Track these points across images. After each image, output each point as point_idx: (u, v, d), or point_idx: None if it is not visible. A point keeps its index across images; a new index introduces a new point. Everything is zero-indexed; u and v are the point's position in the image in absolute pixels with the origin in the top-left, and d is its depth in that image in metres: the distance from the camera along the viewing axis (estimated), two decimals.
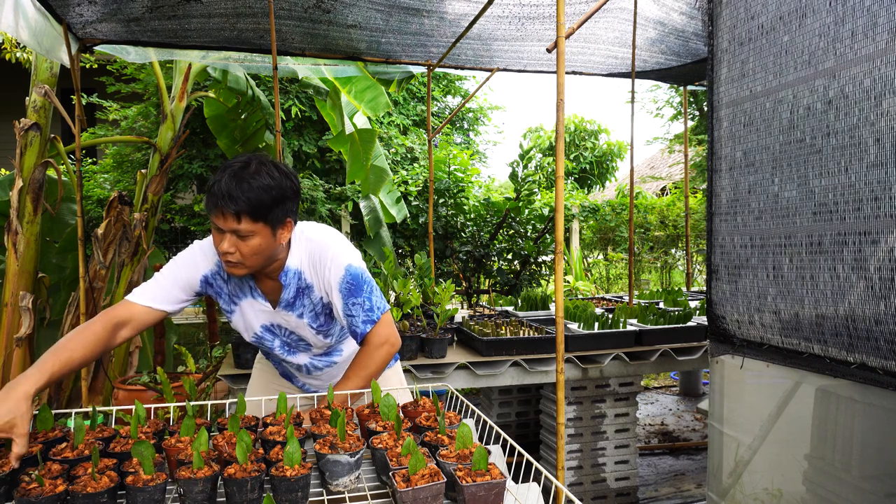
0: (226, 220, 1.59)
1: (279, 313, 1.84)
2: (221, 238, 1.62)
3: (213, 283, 1.80)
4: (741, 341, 2.28)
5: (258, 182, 1.60)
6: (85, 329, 1.60)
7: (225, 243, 1.61)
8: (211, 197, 1.59)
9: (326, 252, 1.78)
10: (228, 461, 1.36)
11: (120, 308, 1.68)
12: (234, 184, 1.58)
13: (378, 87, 4.86)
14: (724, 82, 2.31)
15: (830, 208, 1.84)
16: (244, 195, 1.57)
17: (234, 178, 1.58)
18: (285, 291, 1.80)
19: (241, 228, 1.60)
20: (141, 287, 1.73)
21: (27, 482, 1.23)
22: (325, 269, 1.78)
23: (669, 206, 8.37)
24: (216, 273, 1.79)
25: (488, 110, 9.20)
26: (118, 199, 4.03)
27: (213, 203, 1.59)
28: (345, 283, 1.77)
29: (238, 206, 1.57)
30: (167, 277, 1.75)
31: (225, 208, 1.57)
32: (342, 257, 1.78)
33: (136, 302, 1.69)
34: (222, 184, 1.57)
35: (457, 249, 6.31)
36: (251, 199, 1.58)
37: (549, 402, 3.52)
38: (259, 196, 1.59)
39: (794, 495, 2.09)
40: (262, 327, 1.87)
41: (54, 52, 3.41)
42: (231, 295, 1.83)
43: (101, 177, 6.08)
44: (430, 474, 1.23)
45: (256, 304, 1.83)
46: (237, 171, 1.60)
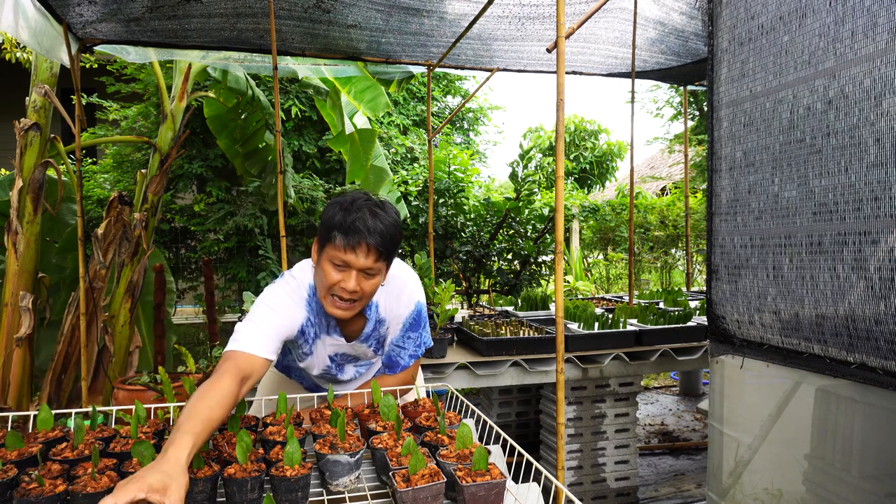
0: (367, 257, 1.56)
1: (352, 345, 1.83)
2: (345, 276, 1.58)
3: (305, 331, 1.74)
4: (741, 341, 2.28)
5: (391, 219, 1.60)
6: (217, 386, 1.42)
7: (352, 282, 1.57)
8: (354, 233, 1.54)
9: (404, 288, 1.79)
10: (228, 461, 1.36)
11: (241, 361, 1.53)
12: (378, 221, 1.56)
13: (378, 87, 4.85)
14: (724, 82, 2.31)
15: (830, 208, 1.84)
16: (387, 231, 1.57)
17: (375, 216, 1.56)
18: (367, 325, 1.80)
19: (374, 266, 1.58)
20: (251, 338, 1.58)
21: (27, 482, 1.23)
22: (401, 306, 1.79)
23: (669, 206, 8.36)
24: (308, 319, 1.73)
25: (488, 110, 9.19)
26: (118, 199, 4.02)
27: (356, 239, 1.54)
28: (411, 318, 1.81)
29: (381, 243, 1.56)
30: (272, 328, 1.62)
31: (371, 244, 1.54)
32: (416, 294, 1.81)
33: (258, 355, 1.56)
34: (367, 220, 1.54)
35: (457, 249, 6.31)
36: (391, 237, 1.58)
37: (549, 402, 3.52)
38: (393, 233, 1.60)
39: (794, 495, 2.09)
40: (329, 358, 1.86)
41: (54, 52, 3.40)
42: (314, 337, 1.77)
43: (101, 177, 6.08)
44: (430, 474, 1.23)
45: (330, 339, 1.79)
46: (373, 209, 1.58)
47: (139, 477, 1.08)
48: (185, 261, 6.32)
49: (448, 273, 6.44)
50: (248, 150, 5.16)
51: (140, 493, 1.05)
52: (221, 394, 1.39)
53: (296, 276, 1.74)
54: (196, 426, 1.25)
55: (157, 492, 1.06)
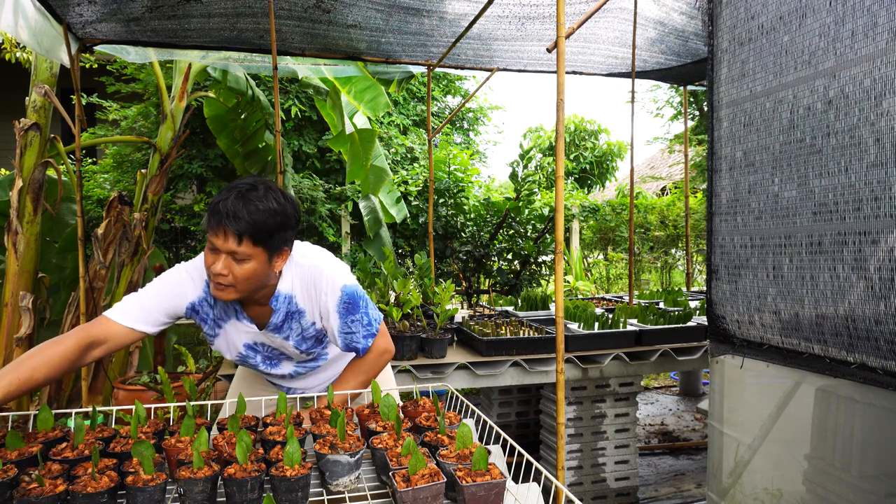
0: (226, 239, 1.55)
1: (265, 334, 1.82)
2: (216, 259, 1.58)
3: (199, 310, 1.76)
4: (741, 341, 2.28)
5: (265, 205, 1.58)
6: (54, 346, 1.52)
7: (219, 264, 1.57)
8: (214, 215, 1.55)
9: (320, 276, 1.76)
10: (228, 461, 1.36)
11: (97, 326, 1.62)
12: (241, 204, 1.55)
13: (378, 87, 4.86)
14: (724, 82, 2.31)
15: (830, 208, 1.84)
16: (250, 216, 1.55)
17: (241, 199, 1.56)
18: (274, 316, 1.78)
19: (239, 251, 1.56)
20: (123, 306, 1.66)
21: (27, 482, 1.23)
22: (321, 294, 1.76)
23: (669, 206, 8.37)
24: (203, 299, 1.75)
25: (488, 110, 9.20)
26: (118, 199, 4.03)
27: (216, 221, 1.55)
28: (342, 303, 1.77)
29: (241, 227, 1.54)
30: (152, 299, 1.69)
31: (228, 227, 1.54)
32: (336, 279, 1.77)
33: (117, 321, 1.63)
34: (228, 203, 1.55)
35: (457, 249, 6.31)
36: (256, 222, 1.56)
37: (549, 402, 3.52)
38: (264, 219, 1.57)
39: (794, 495, 2.09)
40: (245, 346, 1.84)
41: (54, 52, 3.41)
42: (216, 319, 1.79)
43: (101, 177, 6.08)
44: (430, 474, 1.23)
45: (241, 325, 1.79)
46: (244, 192, 1.58)
47: None
48: (184, 261, 6.31)
49: (448, 273, 6.44)
50: (248, 150, 5.16)
51: None
52: (53, 357, 1.50)
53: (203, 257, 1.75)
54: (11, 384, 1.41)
55: None
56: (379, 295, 3.38)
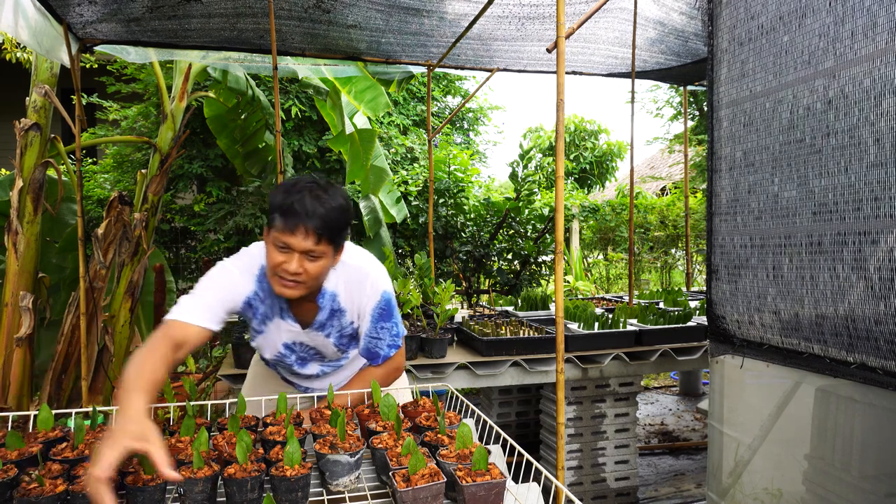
0: (306, 239, 1.57)
1: (307, 333, 1.84)
2: (289, 258, 1.59)
3: (252, 305, 1.77)
4: (741, 341, 2.28)
5: (336, 203, 1.61)
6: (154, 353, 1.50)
7: (294, 264, 1.59)
8: (292, 215, 1.56)
9: (366, 278, 1.79)
10: (228, 461, 1.36)
11: (174, 329, 1.58)
12: (318, 203, 1.57)
13: (378, 87, 4.85)
14: (724, 82, 2.31)
15: (830, 208, 1.84)
16: (327, 214, 1.57)
17: (316, 198, 1.58)
18: (320, 314, 1.80)
19: (316, 249, 1.59)
20: (187, 307, 1.62)
21: (27, 482, 1.23)
22: (363, 296, 1.79)
23: (669, 206, 8.36)
24: (256, 294, 1.76)
25: (488, 110, 9.19)
26: (118, 199, 4.03)
27: (293, 221, 1.55)
28: (378, 308, 1.80)
29: (320, 225, 1.56)
30: (213, 297, 1.67)
31: (308, 226, 1.55)
32: (379, 283, 1.81)
33: (190, 322, 1.60)
34: (306, 203, 1.56)
35: (457, 249, 6.31)
36: (332, 220, 1.59)
37: (549, 402, 3.52)
38: (337, 217, 1.60)
39: (794, 495, 2.09)
40: (284, 345, 1.87)
41: (54, 52, 3.40)
42: (264, 316, 1.80)
43: (101, 177, 6.07)
44: (430, 474, 1.23)
45: (284, 324, 1.81)
46: (316, 192, 1.59)
47: (118, 434, 1.16)
48: (185, 261, 6.31)
49: (448, 273, 6.44)
50: (248, 150, 5.16)
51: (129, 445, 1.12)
52: (157, 358, 1.48)
53: (252, 252, 1.77)
54: (146, 386, 1.37)
55: (140, 440, 1.15)
56: None
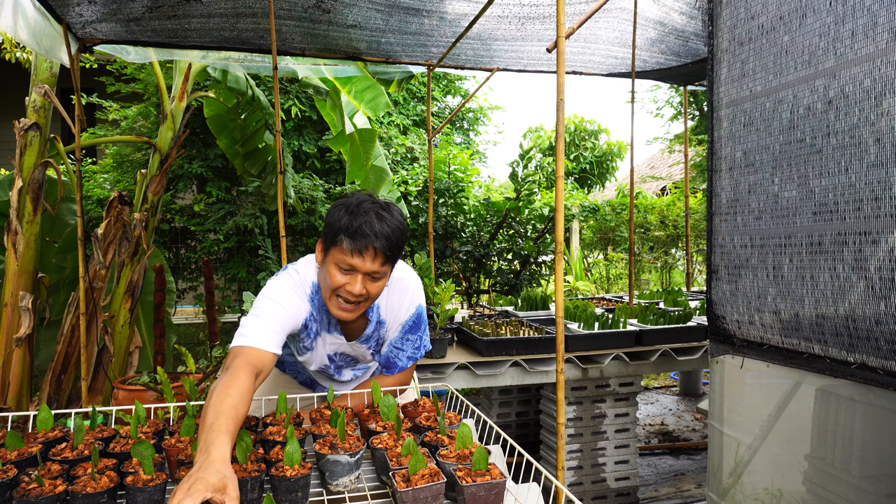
0: (374, 260, 1.56)
1: (351, 345, 1.84)
2: (353, 280, 1.58)
3: (308, 325, 1.75)
4: (741, 341, 2.28)
5: (397, 222, 1.60)
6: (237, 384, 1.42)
7: (358, 286, 1.57)
8: (361, 237, 1.54)
9: (407, 291, 1.80)
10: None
11: (253, 356, 1.53)
12: (384, 225, 1.56)
13: (378, 87, 4.85)
14: (724, 82, 2.31)
15: (830, 208, 1.84)
16: (393, 236, 1.57)
17: (381, 219, 1.56)
18: (368, 327, 1.80)
19: (380, 270, 1.58)
20: (261, 334, 1.58)
21: (27, 482, 1.23)
22: (402, 308, 1.80)
23: (669, 206, 8.36)
24: (312, 314, 1.74)
25: (488, 110, 9.19)
26: (118, 199, 4.03)
27: (363, 243, 1.54)
28: (411, 320, 1.81)
29: (387, 247, 1.56)
30: (278, 323, 1.62)
31: (378, 248, 1.54)
32: (416, 296, 1.82)
33: (268, 350, 1.56)
34: (374, 225, 1.54)
35: (457, 249, 6.31)
36: (398, 241, 1.58)
37: (549, 402, 3.51)
38: (399, 237, 1.60)
39: (794, 495, 2.09)
40: (328, 357, 1.87)
41: (54, 52, 3.40)
42: (315, 333, 1.79)
43: (101, 177, 6.07)
44: (430, 474, 1.23)
45: (330, 337, 1.81)
46: (380, 213, 1.58)
47: (200, 479, 1.11)
48: (185, 261, 6.31)
49: (448, 273, 6.44)
50: (248, 150, 5.16)
51: (207, 493, 1.08)
52: (242, 391, 1.39)
53: (300, 270, 1.74)
54: (229, 425, 1.28)
55: (218, 491, 1.10)
56: None
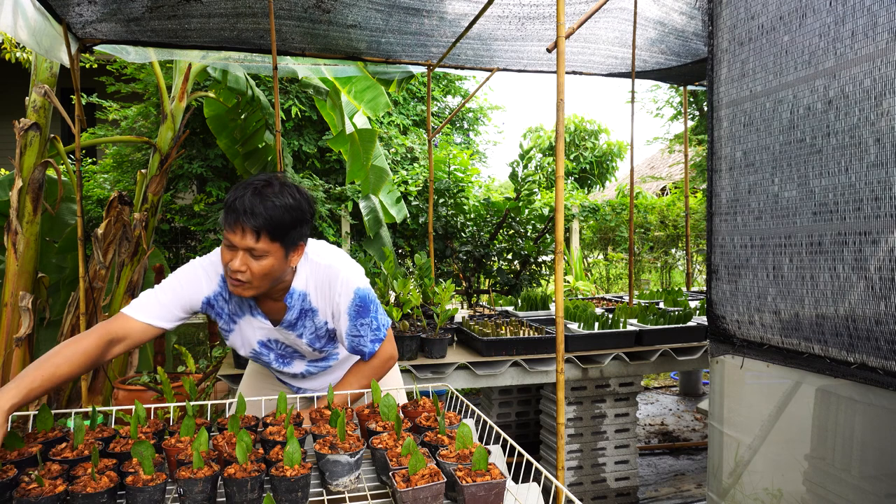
0: (244, 236, 1.56)
1: (279, 331, 1.83)
2: (233, 255, 1.59)
3: (214, 305, 1.77)
4: (741, 341, 2.28)
5: (281, 201, 1.59)
6: (75, 343, 1.54)
7: (236, 261, 1.58)
8: (231, 212, 1.56)
9: (336, 277, 1.77)
10: (228, 461, 1.36)
11: (116, 323, 1.62)
12: (258, 200, 1.56)
13: (378, 87, 4.86)
14: (724, 82, 2.31)
15: (830, 208, 1.84)
16: (267, 212, 1.56)
17: (258, 195, 1.57)
18: (289, 313, 1.79)
19: (257, 247, 1.58)
20: (140, 302, 1.67)
21: (27, 482, 1.23)
22: (335, 294, 1.77)
23: (669, 206, 8.37)
24: (219, 294, 1.76)
25: (488, 110, 9.19)
26: (118, 199, 4.03)
27: (233, 218, 1.56)
28: (354, 306, 1.78)
29: (259, 223, 1.55)
30: (168, 295, 1.69)
31: (246, 224, 1.55)
32: (351, 281, 1.78)
33: (136, 318, 1.64)
34: (245, 200, 1.56)
35: (457, 249, 6.31)
36: (273, 218, 1.57)
37: (549, 402, 3.52)
38: (281, 215, 1.58)
39: (795, 495, 2.09)
40: (259, 343, 1.86)
41: (54, 52, 3.40)
42: (231, 315, 1.80)
43: (101, 177, 6.08)
44: (430, 474, 1.23)
45: (256, 321, 1.81)
46: (261, 189, 1.58)
47: None
48: (185, 261, 6.30)
49: (448, 273, 6.44)
50: (248, 150, 5.16)
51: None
52: (75, 353, 1.51)
53: (217, 252, 1.77)
54: (34, 381, 1.43)
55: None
56: (379, 295, 3.38)
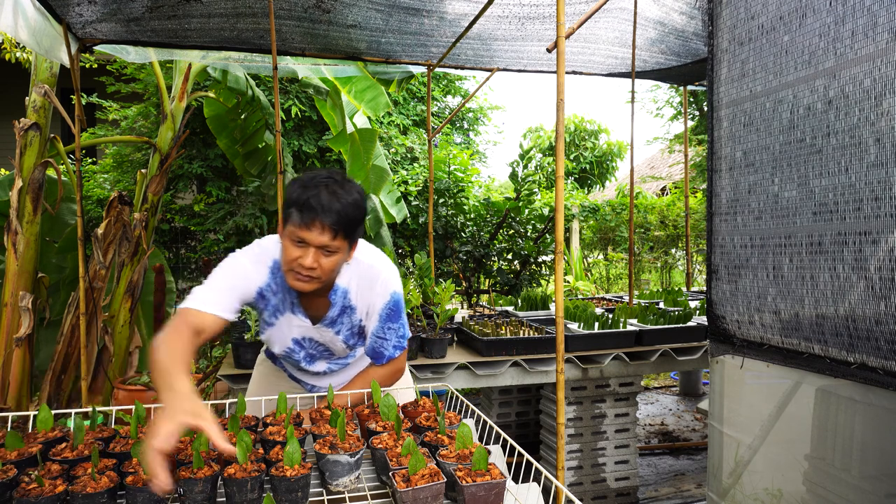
0: (322, 234, 1.57)
1: (317, 329, 1.84)
2: (304, 253, 1.60)
3: (265, 296, 1.77)
4: (741, 341, 2.28)
5: (352, 198, 1.61)
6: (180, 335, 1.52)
7: (309, 258, 1.59)
8: (308, 210, 1.56)
9: (378, 277, 1.80)
10: (228, 461, 1.36)
11: (191, 316, 1.59)
12: (335, 199, 1.58)
13: (378, 86, 4.85)
14: (724, 82, 2.31)
15: (830, 208, 1.84)
16: (343, 210, 1.58)
17: (333, 194, 1.58)
18: (332, 309, 1.81)
19: (331, 244, 1.59)
20: (201, 296, 1.62)
21: (27, 482, 1.23)
22: (375, 294, 1.80)
23: (669, 206, 8.36)
24: (269, 285, 1.76)
25: (488, 110, 9.18)
26: (118, 199, 4.03)
27: (310, 216, 1.56)
28: (387, 308, 1.81)
29: (337, 221, 1.57)
30: (226, 287, 1.67)
31: (325, 221, 1.56)
32: (390, 283, 1.82)
33: (205, 310, 1.60)
34: (322, 198, 1.56)
35: (457, 249, 6.30)
36: (348, 215, 1.59)
37: (549, 402, 3.51)
38: (353, 212, 1.61)
39: (794, 495, 2.09)
40: (293, 340, 1.87)
41: (54, 52, 3.40)
42: (275, 309, 1.80)
43: (101, 177, 6.07)
44: (430, 474, 1.23)
45: (295, 319, 1.82)
46: (332, 187, 1.60)
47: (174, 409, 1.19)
48: (185, 261, 6.32)
49: (448, 273, 6.44)
50: (248, 150, 5.16)
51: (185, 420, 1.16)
52: (185, 344, 1.50)
53: (262, 244, 1.78)
54: (183, 366, 1.40)
55: (195, 416, 1.19)
56: None
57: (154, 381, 1.36)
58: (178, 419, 1.17)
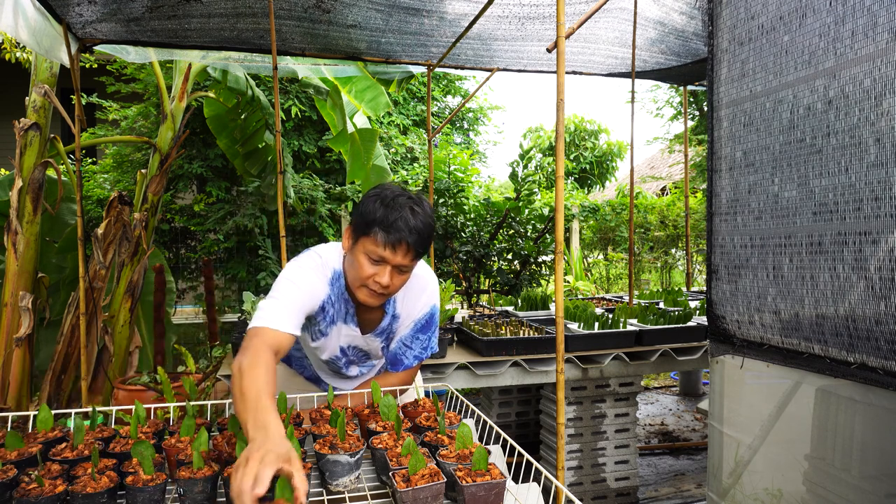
0: (405, 254, 1.59)
1: (366, 338, 1.86)
2: (380, 270, 1.60)
3: (325, 308, 1.77)
4: (741, 341, 2.28)
5: (429, 219, 1.64)
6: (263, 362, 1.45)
7: (385, 277, 1.60)
8: (394, 231, 1.57)
9: (425, 289, 1.83)
10: (228, 461, 1.36)
11: (269, 337, 1.54)
12: (418, 220, 1.59)
13: (378, 86, 4.85)
14: (724, 82, 2.31)
15: (830, 208, 1.84)
16: (425, 231, 1.61)
17: (414, 214, 1.60)
18: (385, 319, 1.83)
19: (409, 264, 1.62)
20: (277, 315, 1.58)
21: (27, 482, 1.23)
22: (418, 305, 1.83)
23: (669, 206, 8.36)
24: (329, 297, 1.76)
25: (488, 110, 9.19)
26: (118, 199, 4.03)
27: (396, 237, 1.57)
28: (424, 319, 1.84)
29: (418, 242, 1.59)
30: (297, 302, 1.64)
31: (410, 242, 1.58)
32: (434, 296, 1.85)
33: (283, 330, 1.57)
34: (409, 220, 1.58)
35: (457, 249, 6.30)
36: (428, 236, 1.62)
37: (549, 402, 3.52)
38: (429, 232, 1.64)
39: (794, 495, 2.09)
40: (340, 348, 1.88)
41: (54, 51, 3.40)
42: (331, 319, 1.80)
43: (101, 177, 6.08)
44: (430, 474, 1.23)
45: (346, 328, 1.82)
46: (415, 208, 1.61)
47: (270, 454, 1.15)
48: (185, 261, 6.32)
49: (448, 273, 6.43)
50: (248, 150, 5.16)
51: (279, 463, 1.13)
52: (269, 369, 1.43)
53: (322, 254, 1.76)
54: (271, 399, 1.34)
55: (287, 461, 1.15)
56: None
57: (239, 412, 1.32)
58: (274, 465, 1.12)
